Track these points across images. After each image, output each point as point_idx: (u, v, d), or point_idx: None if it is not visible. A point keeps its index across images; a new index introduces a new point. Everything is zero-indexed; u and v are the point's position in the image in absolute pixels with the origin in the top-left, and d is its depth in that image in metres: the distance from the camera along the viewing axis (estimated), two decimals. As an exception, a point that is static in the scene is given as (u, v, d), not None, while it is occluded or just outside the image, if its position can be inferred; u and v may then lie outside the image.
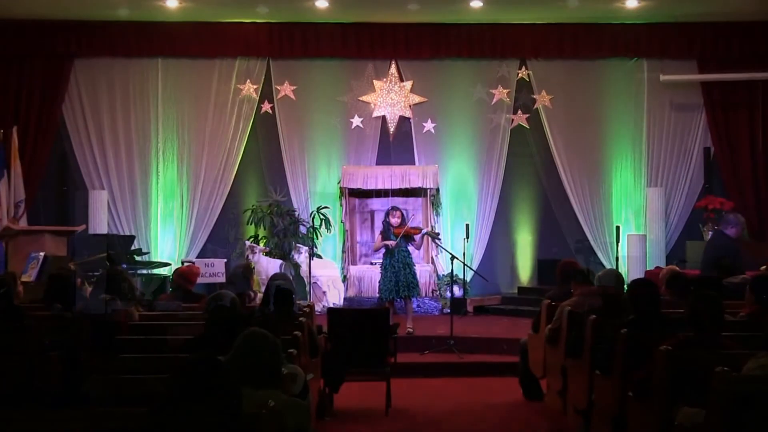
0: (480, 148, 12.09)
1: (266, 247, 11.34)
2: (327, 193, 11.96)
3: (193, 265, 7.06)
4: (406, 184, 11.43)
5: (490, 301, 11.45)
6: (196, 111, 11.95)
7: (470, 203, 12.04)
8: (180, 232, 11.87)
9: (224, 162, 11.88)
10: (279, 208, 11.65)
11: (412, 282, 8.86)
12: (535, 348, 6.67)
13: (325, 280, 11.22)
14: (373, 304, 10.38)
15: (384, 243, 8.81)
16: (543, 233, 12.10)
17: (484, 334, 9.21)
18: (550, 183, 12.06)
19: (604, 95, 12.07)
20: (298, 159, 12.02)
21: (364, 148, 12.09)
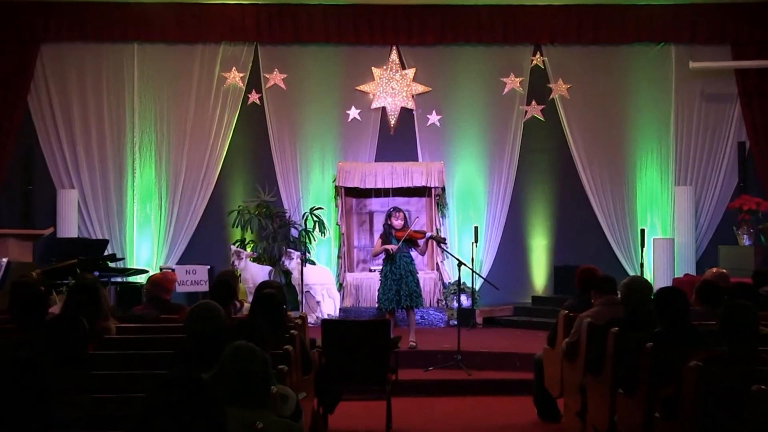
0: (490, 142, 12.11)
1: (254, 253, 11.35)
2: (321, 192, 11.98)
3: (168, 272, 7.05)
4: (408, 183, 11.45)
5: (502, 312, 11.45)
6: (175, 102, 11.97)
7: (479, 204, 12.05)
8: (158, 235, 11.88)
9: (207, 158, 11.90)
10: (268, 210, 11.66)
11: (415, 291, 8.86)
12: (551, 364, 6.67)
13: (319, 289, 11.23)
14: (372, 316, 10.38)
15: (384, 247, 8.82)
16: (559, 237, 12.11)
17: (494, 348, 9.20)
18: (568, 181, 12.08)
19: (627, 84, 12.09)
20: (289, 155, 12.03)
21: (362, 143, 12.10)
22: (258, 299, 5.69)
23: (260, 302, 5.60)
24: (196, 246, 11.87)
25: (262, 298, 5.62)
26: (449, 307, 11.12)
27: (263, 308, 5.50)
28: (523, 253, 12.15)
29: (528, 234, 12.19)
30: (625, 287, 5.68)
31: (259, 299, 5.66)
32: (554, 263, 12.03)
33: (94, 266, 9.53)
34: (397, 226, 8.88)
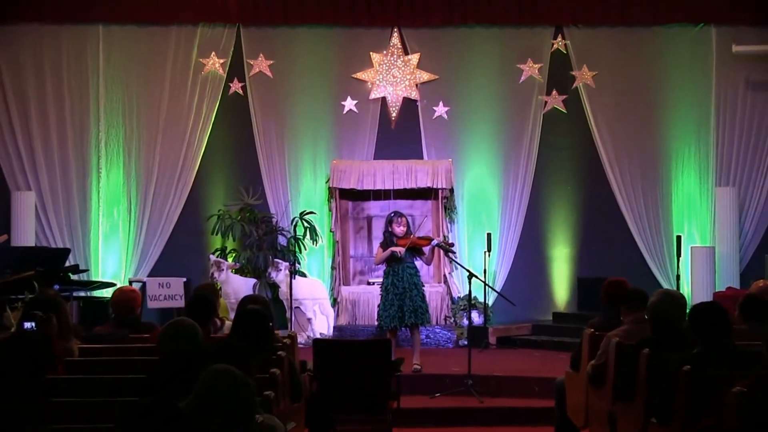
0: (505, 138, 12.12)
1: (236, 263, 11.35)
2: (313, 194, 12.00)
3: (128, 287, 7.05)
4: (411, 184, 11.46)
5: (518, 330, 11.45)
6: (147, 92, 11.98)
7: (492, 207, 12.06)
8: (127, 244, 11.88)
9: (183, 156, 11.91)
10: (252, 214, 11.67)
11: (420, 307, 8.85)
12: (574, 390, 6.67)
13: (311, 305, 11.22)
14: (371, 335, 10.37)
15: (391, 249, 8.80)
16: (584, 246, 12.11)
17: (510, 372, 9.20)
18: (593, 182, 12.09)
19: (660, 72, 12.10)
20: (276, 152, 12.04)
21: (359, 139, 12.12)
22: (241, 316, 5.69)
23: (243, 319, 5.60)
24: (171, 256, 11.87)
25: (246, 315, 5.62)
26: (459, 325, 11.11)
27: (247, 326, 5.50)
28: (543, 263, 12.16)
29: (548, 242, 12.19)
30: (656, 302, 5.68)
31: (242, 316, 5.65)
32: (578, 275, 12.03)
33: (53, 279, 9.52)
34: (399, 233, 8.86)
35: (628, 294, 6.40)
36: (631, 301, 6.28)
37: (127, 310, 6.58)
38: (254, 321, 5.55)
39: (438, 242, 9.12)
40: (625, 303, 6.31)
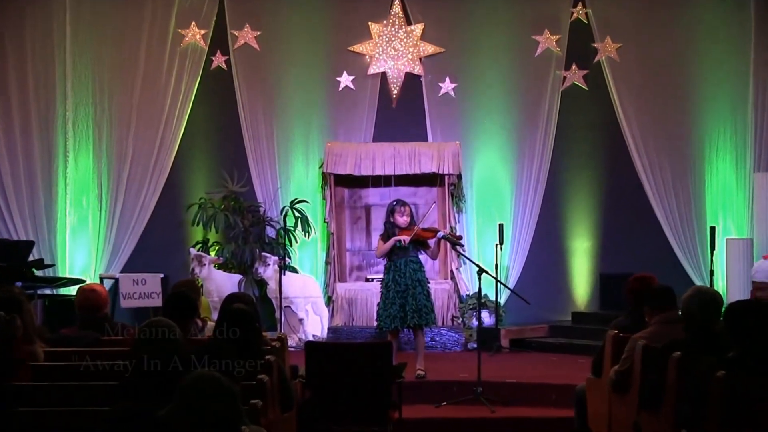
0: (518, 117, 12.12)
1: (219, 257, 11.35)
2: (305, 181, 12.01)
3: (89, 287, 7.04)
4: (415, 169, 11.46)
5: (534, 332, 11.47)
6: (119, 67, 11.96)
7: (504, 195, 12.07)
8: (98, 236, 11.88)
9: (160, 138, 11.90)
10: (237, 203, 11.66)
11: (424, 306, 8.85)
12: (596, 397, 6.68)
13: (303, 303, 11.23)
14: (370, 337, 10.38)
15: (395, 239, 8.78)
16: (607, 238, 12.12)
17: (524, 378, 9.20)
18: (617, 167, 12.09)
19: (692, 43, 12.09)
20: (264, 133, 12.04)
21: (357, 118, 12.11)
22: (225, 316, 5.69)
23: (228, 320, 5.60)
24: (146, 249, 11.87)
25: (231, 315, 5.62)
26: (467, 326, 11.12)
27: (232, 328, 5.50)
28: (561, 258, 12.17)
29: (567, 233, 12.20)
30: (688, 301, 5.67)
31: (227, 316, 5.66)
32: (600, 271, 12.05)
33: (15, 275, 9.52)
34: (401, 224, 8.85)
35: (653, 292, 6.40)
36: (658, 299, 6.28)
37: (92, 311, 6.58)
38: (240, 322, 5.55)
39: (444, 234, 9.10)
40: (651, 302, 6.31)
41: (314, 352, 6.86)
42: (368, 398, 6.68)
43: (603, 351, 6.62)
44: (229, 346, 5.28)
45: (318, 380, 6.69)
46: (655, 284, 6.65)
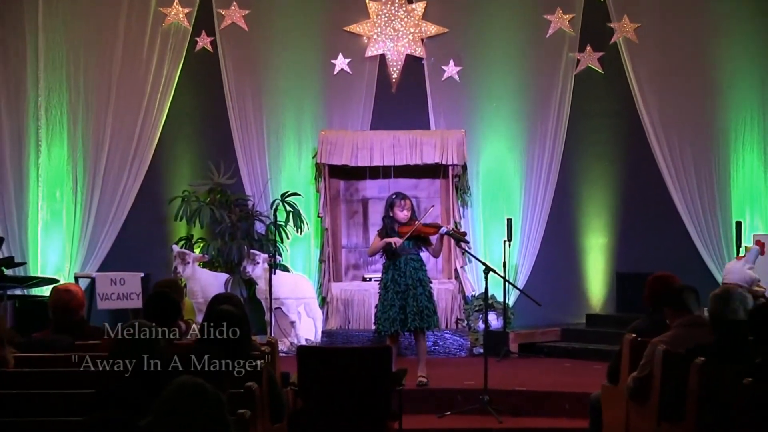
0: (528, 104, 12.12)
1: (204, 255, 11.35)
2: (296, 172, 12.02)
3: (64, 286, 7.04)
4: (416, 159, 11.45)
5: (545, 335, 11.47)
6: (96, 48, 11.94)
7: (513, 187, 12.08)
8: (72, 232, 11.87)
9: (140, 126, 11.89)
10: (223, 196, 11.66)
11: (426, 307, 8.85)
12: (612, 407, 6.68)
13: (295, 305, 11.23)
14: (368, 341, 10.38)
15: (386, 241, 8.79)
16: (624, 234, 12.13)
17: (534, 386, 9.20)
18: (636, 157, 12.09)
19: (717, 23, 12.08)
20: (253, 121, 12.04)
21: (353, 104, 12.11)
22: (211, 318, 5.69)
23: (214, 323, 5.60)
24: (125, 247, 11.86)
25: (217, 318, 5.62)
26: (473, 329, 11.13)
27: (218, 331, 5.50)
28: (575, 255, 12.18)
29: (581, 229, 12.21)
30: (713, 302, 5.67)
31: (213, 319, 5.65)
32: (617, 270, 12.06)
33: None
34: (401, 219, 8.84)
35: (674, 292, 6.40)
36: (681, 301, 6.28)
37: (67, 313, 6.58)
38: (228, 324, 5.55)
39: (448, 230, 9.08)
40: (671, 303, 6.32)
41: (307, 358, 6.85)
42: (366, 408, 6.68)
43: (620, 356, 6.63)
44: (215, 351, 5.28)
45: (311, 388, 6.69)
46: (677, 284, 6.65)
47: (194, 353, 5.29)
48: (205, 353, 5.19)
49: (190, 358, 5.07)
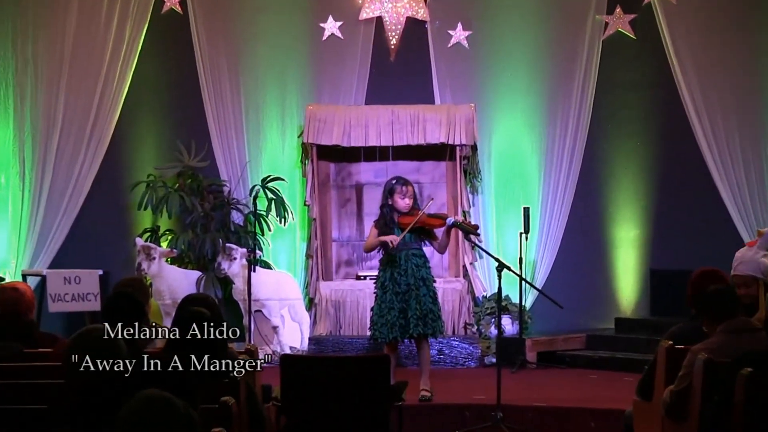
0: (548, 74, 12.13)
1: (172, 250, 11.35)
2: (279, 154, 12.04)
3: (11, 285, 7.04)
4: (418, 139, 11.46)
5: (567, 343, 11.48)
6: (45, 8, 11.94)
7: (531, 171, 12.10)
8: (20, 223, 11.88)
9: (98, 99, 11.91)
10: (195, 181, 11.68)
11: (430, 311, 8.83)
12: (646, 425, 6.68)
13: (277, 307, 11.24)
14: (362, 350, 10.39)
15: (381, 239, 8.77)
16: (659, 224, 12.13)
17: (555, 401, 9.21)
18: (673, 137, 12.08)
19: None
20: (229, 93, 12.05)
21: (345, 75, 12.12)
22: (181, 323, 5.69)
23: (185, 327, 5.60)
24: (81, 240, 11.89)
25: (188, 322, 5.62)
26: (484, 335, 11.15)
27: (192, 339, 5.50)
28: (602, 250, 12.20)
29: (609, 220, 12.22)
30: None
31: (183, 323, 5.65)
32: (651, 266, 12.06)
33: None
34: (402, 208, 8.81)
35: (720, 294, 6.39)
36: (725, 303, 6.28)
37: (13, 316, 6.57)
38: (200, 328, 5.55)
39: (456, 221, 9.07)
40: (712, 305, 6.31)
41: (292, 369, 6.85)
42: (360, 426, 6.68)
43: (654, 367, 6.62)
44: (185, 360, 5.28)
45: (297, 404, 6.69)
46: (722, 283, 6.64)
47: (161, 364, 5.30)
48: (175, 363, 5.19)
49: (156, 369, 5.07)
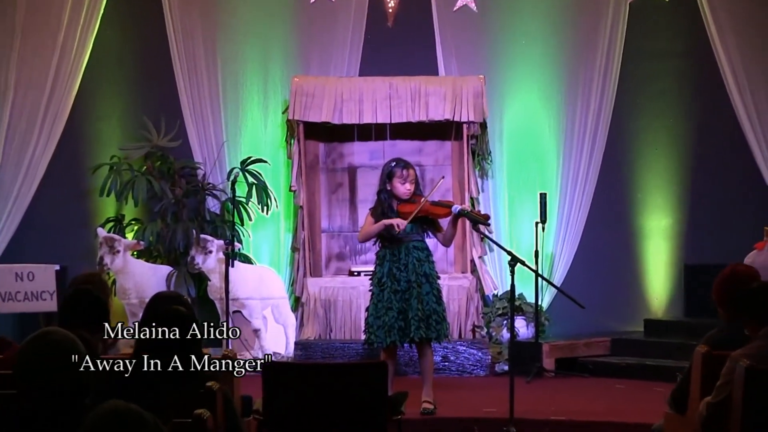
0: (567, 42, 12.16)
1: (139, 242, 11.34)
2: (261, 133, 12.08)
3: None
4: (419, 116, 11.48)
5: (589, 348, 11.50)
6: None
7: (548, 152, 12.12)
8: (-35, 211, 11.90)
9: (54, 71, 11.91)
10: (165, 164, 11.69)
11: (434, 311, 8.82)
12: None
13: (259, 308, 11.24)
14: (356, 356, 10.43)
15: (384, 223, 8.72)
16: (695, 212, 12.17)
17: (576, 414, 9.23)
18: (710, 113, 12.13)
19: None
20: (204, 63, 12.06)
21: (336, 43, 12.15)
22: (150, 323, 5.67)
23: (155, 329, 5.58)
24: (35, 231, 11.92)
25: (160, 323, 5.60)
26: (495, 340, 11.17)
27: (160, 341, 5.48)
28: (629, 241, 12.23)
29: (637, 207, 12.25)
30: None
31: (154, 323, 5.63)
32: (685, 261, 12.09)
33: None
34: (402, 194, 8.78)
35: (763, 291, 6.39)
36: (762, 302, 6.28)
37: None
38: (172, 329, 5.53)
39: (463, 209, 9.04)
40: (758, 304, 6.30)
41: (276, 378, 6.84)
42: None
43: (689, 376, 6.63)
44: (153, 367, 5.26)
45: (281, 418, 6.69)
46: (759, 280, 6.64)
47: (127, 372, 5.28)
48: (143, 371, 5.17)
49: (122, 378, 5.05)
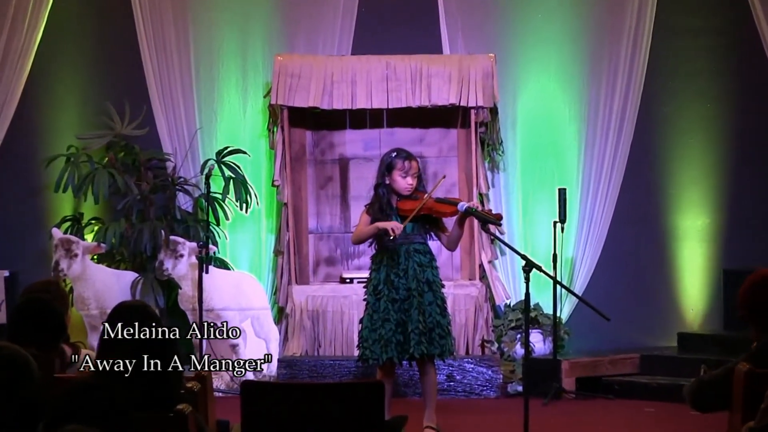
0: (590, 17, 12.16)
1: (100, 244, 11.32)
2: (239, 120, 12.11)
3: None
4: (421, 100, 11.49)
5: (615, 366, 11.50)
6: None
7: (567, 143, 12.13)
8: None
9: (2, 50, 11.96)
10: (129, 155, 11.70)
11: (437, 324, 8.84)
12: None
13: (237, 320, 11.24)
14: (349, 375, 10.43)
15: (377, 226, 8.71)
16: (734, 211, 12.16)
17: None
18: (751, 97, 12.12)
19: None
20: (174, 41, 12.08)
21: (325, 17, 12.17)
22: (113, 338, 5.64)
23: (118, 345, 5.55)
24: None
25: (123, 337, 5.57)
26: (507, 356, 11.18)
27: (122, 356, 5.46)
28: (660, 244, 12.23)
29: (669, 205, 12.25)
30: None
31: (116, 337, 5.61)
32: (723, 266, 12.07)
33: None
34: (403, 190, 8.78)
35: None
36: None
37: None
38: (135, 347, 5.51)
39: (470, 207, 9.03)
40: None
41: (256, 400, 6.83)
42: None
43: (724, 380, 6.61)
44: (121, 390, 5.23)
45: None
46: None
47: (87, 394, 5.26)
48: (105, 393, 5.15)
49: (80, 399, 5.03)
